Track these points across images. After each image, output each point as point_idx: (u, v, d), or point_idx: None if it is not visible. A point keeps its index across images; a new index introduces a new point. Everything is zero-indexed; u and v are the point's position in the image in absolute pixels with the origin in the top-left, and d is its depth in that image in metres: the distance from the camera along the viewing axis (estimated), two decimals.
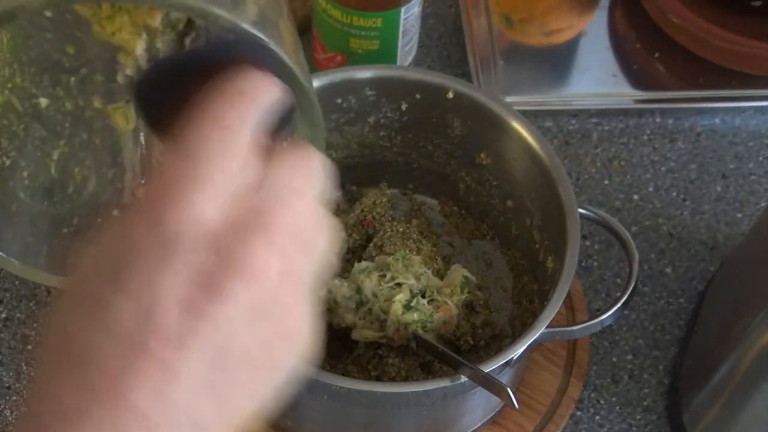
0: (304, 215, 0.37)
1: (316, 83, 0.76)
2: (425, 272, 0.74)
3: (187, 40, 0.53)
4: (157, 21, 0.52)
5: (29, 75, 0.52)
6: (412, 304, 0.72)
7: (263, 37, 0.41)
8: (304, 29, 0.93)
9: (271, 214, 0.36)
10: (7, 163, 0.55)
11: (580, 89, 0.98)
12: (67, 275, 0.39)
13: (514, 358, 0.66)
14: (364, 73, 0.78)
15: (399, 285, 0.73)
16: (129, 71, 0.52)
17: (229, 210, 0.35)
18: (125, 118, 0.55)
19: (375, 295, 0.73)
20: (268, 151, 0.38)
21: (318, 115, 0.47)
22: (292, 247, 0.37)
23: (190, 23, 0.53)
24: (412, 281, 0.73)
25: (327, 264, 0.39)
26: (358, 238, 0.82)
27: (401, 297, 0.72)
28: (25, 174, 0.56)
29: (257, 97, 0.38)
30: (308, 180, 0.38)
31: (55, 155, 0.57)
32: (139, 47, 0.52)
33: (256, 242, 0.35)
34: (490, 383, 0.65)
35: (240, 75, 0.38)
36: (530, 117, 0.82)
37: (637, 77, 0.99)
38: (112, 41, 0.51)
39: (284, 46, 0.43)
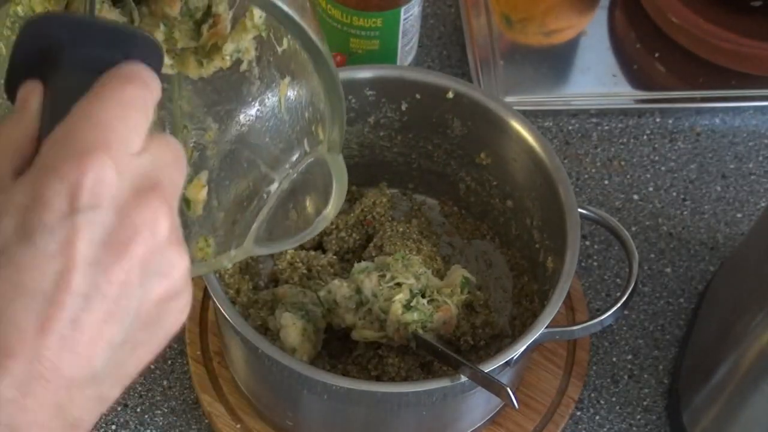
0: (179, 189, 0.41)
1: None
2: (425, 272, 0.74)
3: (204, 28, 0.53)
4: (176, 10, 0.52)
5: None
6: (412, 304, 0.72)
7: (287, 10, 0.44)
8: None
9: (159, 180, 0.39)
10: None
11: (580, 89, 0.98)
12: None
13: (514, 358, 0.66)
14: (364, 73, 0.78)
15: (399, 285, 0.73)
16: None
17: (127, 174, 0.38)
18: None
19: (375, 295, 0.73)
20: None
21: (337, 84, 0.49)
22: (175, 205, 0.40)
23: (208, 11, 0.53)
24: (412, 281, 0.73)
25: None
26: (358, 238, 0.82)
27: (401, 297, 0.72)
28: None
29: (150, 84, 0.41)
30: (179, 161, 0.42)
31: None
32: (158, 38, 0.52)
33: (151, 203, 0.38)
34: (490, 383, 0.65)
35: (135, 66, 0.41)
36: (530, 117, 0.82)
37: (637, 77, 0.99)
38: None
39: (306, 18, 0.46)
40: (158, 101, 0.42)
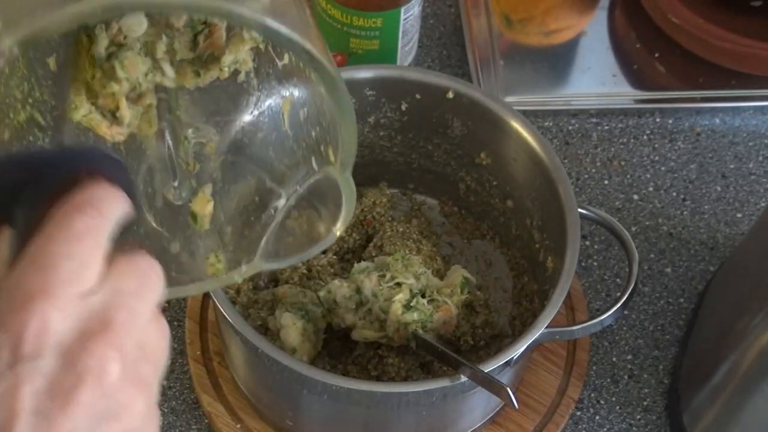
0: (143, 318, 0.40)
1: None
2: (425, 272, 0.74)
3: (200, 38, 0.53)
4: (182, 21, 0.52)
5: (47, 88, 0.52)
6: (411, 304, 0.72)
7: (285, 30, 0.43)
8: None
9: (112, 319, 0.38)
10: None
11: (580, 89, 0.98)
12: None
13: (514, 358, 0.66)
14: (364, 73, 0.78)
15: (399, 285, 0.73)
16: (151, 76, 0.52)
17: (74, 316, 0.37)
18: (149, 123, 0.55)
19: (375, 295, 0.73)
20: (110, 258, 0.40)
21: (351, 110, 0.49)
22: (132, 348, 0.39)
23: (205, 21, 0.53)
24: (412, 281, 0.73)
25: (164, 363, 0.42)
26: (358, 238, 0.82)
27: (401, 297, 0.72)
28: None
29: (104, 209, 0.40)
30: (146, 285, 0.40)
31: None
32: (160, 51, 0.52)
33: (98, 347, 0.37)
34: (490, 383, 0.65)
35: (91, 185, 0.40)
36: (530, 117, 0.82)
37: (637, 77, 0.99)
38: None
39: (309, 35, 0.45)
40: (123, 218, 0.41)
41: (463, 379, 0.65)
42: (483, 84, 0.95)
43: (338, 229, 0.54)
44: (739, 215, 0.91)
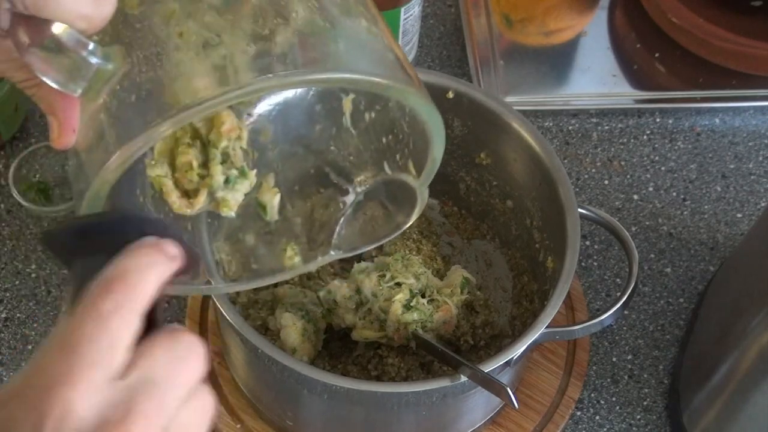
0: (174, 402, 0.39)
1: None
2: (425, 272, 0.74)
3: None
4: None
5: None
6: (411, 304, 0.72)
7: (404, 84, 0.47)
8: None
9: (135, 407, 0.37)
10: None
11: (580, 89, 0.98)
12: None
13: (514, 358, 0.66)
14: None
15: (399, 285, 0.73)
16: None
17: (97, 403, 0.37)
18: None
19: (375, 295, 0.73)
20: (146, 335, 0.39)
21: (443, 129, 0.52)
22: (163, 421, 0.38)
23: None
24: (412, 281, 0.73)
25: None
26: None
27: (401, 297, 0.72)
28: None
29: (137, 282, 0.39)
30: (181, 366, 0.39)
31: None
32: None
33: None
34: (490, 383, 0.65)
35: (129, 254, 0.40)
36: (530, 117, 0.82)
37: (637, 77, 0.99)
38: None
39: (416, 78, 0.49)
40: (169, 276, 0.40)
41: (463, 379, 0.65)
42: (483, 84, 0.95)
43: (409, 223, 0.61)
44: (739, 215, 0.91)
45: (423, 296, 0.73)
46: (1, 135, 0.91)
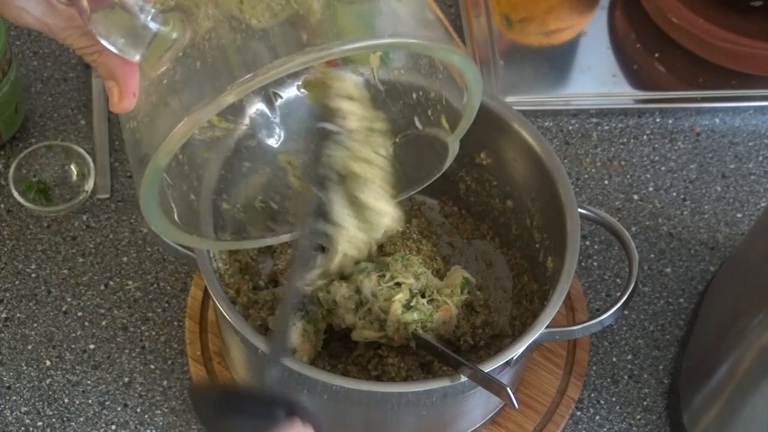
0: None
1: None
2: (425, 272, 0.74)
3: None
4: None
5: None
6: (411, 304, 0.72)
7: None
8: None
9: None
10: None
11: (580, 89, 0.98)
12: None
13: (514, 358, 0.66)
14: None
15: (398, 285, 0.73)
16: None
17: None
18: None
19: (375, 295, 0.73)
20: None
21: (481, 87, 0.58)
22: None
23: None
24: (412, 281, 0.73)
25: None
26: None
27: (401, 297, 0.72)
28: None
29: None
30: None
31: None
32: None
33: None
34: (490, 383, 0.65)
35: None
36: (530, 117, 0.82)
37: (637, 77, 0.99)
38: None
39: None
40: None
41: (463, 379, 0.65)
42: (483, 84, 0.95)
43: (440, 171, 0.69)
44: (739, 215, 0.91)
45: (423, 296, 0.73)
46: (1, 135, 0.91)
